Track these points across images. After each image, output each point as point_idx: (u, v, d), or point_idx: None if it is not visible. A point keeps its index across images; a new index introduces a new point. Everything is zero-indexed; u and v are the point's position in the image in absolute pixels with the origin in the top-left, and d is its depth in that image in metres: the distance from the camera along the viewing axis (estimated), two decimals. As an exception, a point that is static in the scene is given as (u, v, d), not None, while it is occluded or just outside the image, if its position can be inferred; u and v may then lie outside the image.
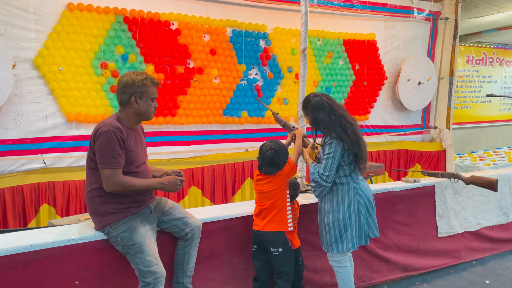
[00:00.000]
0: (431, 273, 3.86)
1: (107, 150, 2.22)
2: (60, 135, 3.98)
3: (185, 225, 2.53)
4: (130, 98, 2.33)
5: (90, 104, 4.05)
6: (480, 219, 4.18)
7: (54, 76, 3.84)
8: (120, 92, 2.35)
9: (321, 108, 2.68)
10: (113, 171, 2.24)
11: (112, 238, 2.33)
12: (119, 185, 2.26)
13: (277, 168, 2.66)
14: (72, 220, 3.14)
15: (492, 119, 9.29)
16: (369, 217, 2.73)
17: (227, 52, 4.69)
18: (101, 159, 2.24)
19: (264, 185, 2.70)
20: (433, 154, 6.23)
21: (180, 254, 2.58)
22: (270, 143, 2.68)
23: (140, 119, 2.42)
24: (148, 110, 2.38)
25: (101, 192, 2.30)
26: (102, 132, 2.23)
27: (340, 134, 2.60)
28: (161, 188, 2.42)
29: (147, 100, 2.36)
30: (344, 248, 2.67)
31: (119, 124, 2.30)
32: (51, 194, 3.93)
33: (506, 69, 9.37)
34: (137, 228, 2.32)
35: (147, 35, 4.26)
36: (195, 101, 4.56)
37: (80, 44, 3.96)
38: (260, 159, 2.69)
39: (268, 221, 2.67)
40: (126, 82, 2.32)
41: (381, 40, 5.72)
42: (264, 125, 5.03)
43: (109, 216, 2.31)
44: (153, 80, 2.38)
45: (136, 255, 2.29)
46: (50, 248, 2.28)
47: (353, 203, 2.67)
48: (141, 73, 2.36)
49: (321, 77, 5.30)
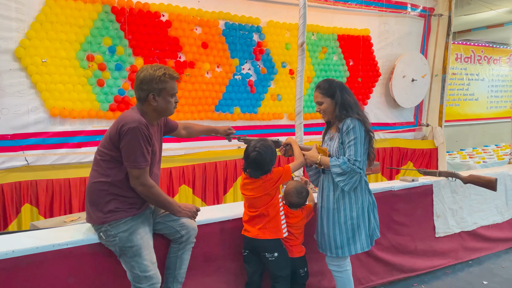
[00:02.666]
0: (428, 274, 3.81)
1: (137, 149, 2.12)
2: (43, 131, 3.77)
3: (181, 226, 2.39)
4: (148, 96, 2.21)
5: (75, 98, 3.84)
6: (477, 219, 4.15)
7: (37, 69, 3.63)
8: (138, 88, 2.23)
9: (346, 89, 2.58)
10: (142, 171, 2.15)
11: (109, 237, 2.18)
12: (145, 187, 2.18)
13: (261, 171, 2.44)
14: (57, 222, 2.97)
15: (479, 117, 9.37)
16: (376, 218, 2.65)
17: (219, 46, 4.52)
18: (130, 158, 2.12)
19: (251, 190, 2.49)
20: (425, 152, 6.19)
21: (172, 258, 2.44)
22: (256, 142, 2.47)
23: (160, 116, 2.32)
24: (167, 108, 2.27)
25: (110, 187, 2.18)
26: (130, 129, 2.10)
27: (363, 116, 2.50)
28: (177, 212, 2.37)
29: (166, 97, 2.24)
30: (358, 248, 2.54)
31: (144, 119, 2.17)
32: (34, 194, 3.72)
33: (494, 67, 9.45)
34: (138, 229, 2.19)
35: (136, 26, 4.06)
36: (186, 96, 4.39)
37: (65, 35, 3.74)
38: (244, 160, 2.49)
39: (260, 229, 2.50)
40: (144, 79, 2.20)
41: (375, 36, 5.62)
42: (257, 121, 4.89)
43: (111, 213, 2.17)
44: (172, 74, 2.24)
45: (133, 258, 2.16)
46: (34, 254, 2.12)
47: (366, 200, 2.57)
48: (159, 67, 2.22)
49: (315, 73, 5.17)
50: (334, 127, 2.61)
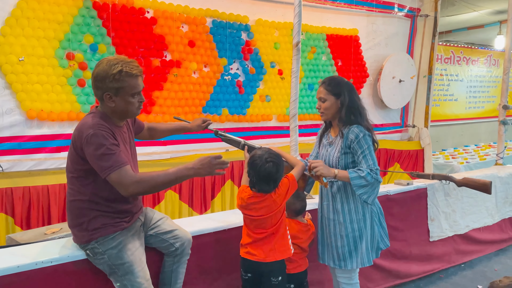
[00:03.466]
0: (423, 279, 3.76)
1: (103, 154, 1.83)
2: (19, 134, 3.51)
3: (175, 239, 2.22)
4: (103, 95, 1.92)
5: (54, 99, 3.60)
6: (469, 221, 4.12)
7: (12, 68, 3.37)
8: (93, 86, 1.94)
9: (354, 90, 2.37)
10: (119, 172, 1.83)
11: (97, 255, 1.98)
12: (136, 184, 1.85)
13: (274, 185, 2.19)
14: (37, 234, 2.74)
15: (458, 117, 9.48)
16: (381, 226, 2.50)
17: (207, 45, 4.34)
18: (102, 166, 1.84)
19: (260, 210, 2.19)
20: (411, 153, 6.18)
21: (167, 272, 2.27)
22: (264, 153, 2.18)
23: (122, 117, 2.02)
24: (128, 109, 1.96)
25: (90, 204, 1.95)
26: (89, 137, 1.84)
27: (370, 125, 2.35)
28: (194, 174, 1.94)
29: (125, 97, 1.92)
30: (359, 263, 2.40)
31: (102, 122, 1.91)
32: (9, 202, 3.46)
33: (472, 68, 9.58)
34: (127, 245, 1.98)
35: (119, 23, 3.83)
36: (172, 97, 4.19)
37: (43, 32, 3.49)
38: (253, 175, 2.17)
39: (270, 251, 2.24)
40: (97, 76, 1.90)
41: (363, 36, 5.56)
42: (245, 123, 4.74)
43: (97, 230, 1.96)
44: (130, 72, 1.89)
45: (125, 276, 1.96)
46: (15, 274, 1.92)
47: (368, 211, 2.40)
48: (116, 62, 1.89)
49: (304, 73, 5.06)
50: (334, 131, 2.45)
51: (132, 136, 2.19)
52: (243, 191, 2.24)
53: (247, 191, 2.22)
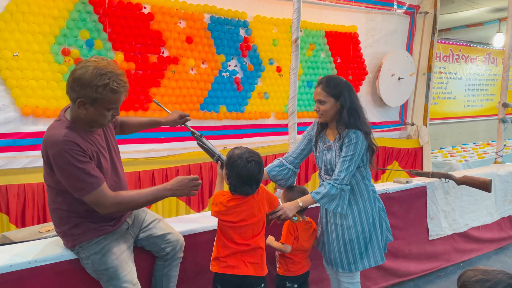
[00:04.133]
0: (421, 277, 3.74)
1: (74, 174, 1.72)
2: (13, 131, 3.45)
3: (166, 243, 2.16)
4: (76, 100, 1.73)
5: (50, 96, 3.54)
6: (468, 220, 4.10)
7: (7, 63, 3.31)
8: (68, 85, 1.75)
9: (353, 90, 2.29)
10: (96, 193, 1.77)
11: (82, 259, 1.94)
12: (115, 206, 1.82)
13: (256, 185, 2.06)
14: (32, 232, 2.70)
15: (457, 115, 9.47)
16: (386, 222, 2.51)
17: (204, 41, 4.28)
18: (74, 186, 1.75)
19: (242, 213, 2.03)
20: (410, 151, 6.15)
21: (158, 276, 2.22)
22: (244, 152, 2.03)
23: (89, 126, 1.84)
24: (98, 120, 1.80)
25: (70, 213, 1.90)
26: (56, 155, 1.70)
27: (368, 128, 2.28)
28: (171, 195, 1.95)
29: (100, 109, 1.75)
30: (372, 262, 2.37)
31: (69, 133, 1.74)
32: (4, 200, 3.40)
33: (471, 66, 9.56)
34: (111, 249, 1.92)
35: (115, 18, 3.77)
36: (170, 94, 4.14)
37: (38, 27, 3.43)
38: (233, 177, 2.00)
39: (254, 264, 2.07)
40: (78, 79, 1.70)
41: (362, 33, 5.51)
42: (243, 121, 4.69)
43: (79, 234, 1.91)
44: (116, 89, 1.72)
45: (110, 282, 1.91)
46: (8, 273, 1.88)
47: (376, 210, 2.39)
48: (104, 73, 1.70)
49: (303, 70, 5.01)
50: (331, 133, 2.35)
51: (111, 134, 2.04)
52: (221, 195, 2.09)
53: (226, 194, 2.08)
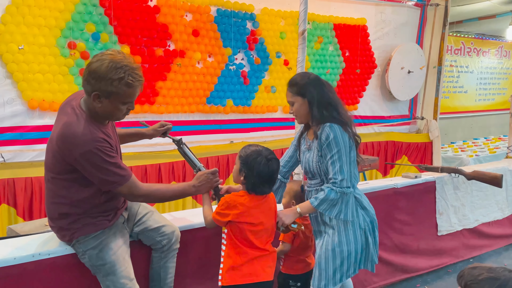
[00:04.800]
0: (430, 273, 3.68)
1: (107, 170, 1.76)
2: (20, 125, 3.46)
3: (162, 236, 2.14)
4: (92, 93, 1.74)
5: (56, 89, 3.54)
6: (478, 216, 4.04)
7: (13, 56, 3.31)
8: (84, 78, 1.76)
9: (323, 84, 2.11)
10: (129, 185, 1.83)
11: (79, 254, 1.93)
12: (145, 197, 1.92)
13: (274, 184, 2.01)
14: (37, 225, 2.70)
15: (468, 109, 9.32)
16: (375, 239, 2.22)
17: (211, 34, 4.25)
18: (107, 182, 1.79)
19: (261, 215, 1.94)
20: (419, 146, 6.06)
21: (155, 268, 2.19)
22: (262, 149, 1.95)
23: (105, 119, 1.86)
24: (114, 113, 1.82)
25: (71, 208, 1.88)
26: (87, 154, 1.71)
27: (345, 117, 2.07)
28: (195, 191, 2.02)
29: (115, 103, 1.77)
30: (344, 277, 2.13)
31: (93, 128, 1.77)
32: (11, 193, 3.43)
33: (483, 60, 9.39)
34: (109, 244, 1.90)
35: (121, 11, 3.76)
36: (176, 87, 4.12)
37: (44, 20, 3.42)
38: (253, 175, 1.90)
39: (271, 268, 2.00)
40: (94, 72, 1.71)
41: (372, 26, 5.43)
42: (250, 115, 4.66)
43: (76, 229, 1.89)
44: (131, 83, 1.73)
45: (107, 277, 1.90)
46: (11, 266, 1.87)
47: (359, 220, 2.13)
48: (120, 66, 1.71)
49: (311, 63, 4.96)
50: (310, 133, 2.21)
51: (115, 130, 2.05)
52: (237, 197, 1.93)
53: (243, 195, 1.94)
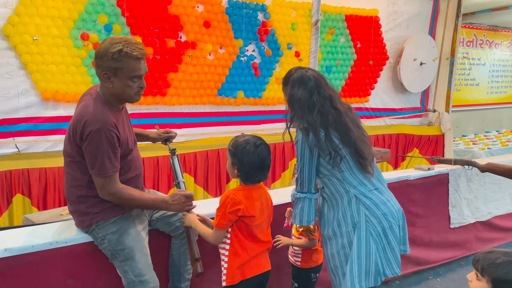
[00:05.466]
0: (442, 266, 3.67)
1: (102, 154, 1.80)
2: (34, 116, 3.49)
3: (181, 221, 2.17)
4: (101, 74, 1.84)
5: (69, 80, 3.56)
6: (491, 208, 4.00)
7: (27, 48, 3.33)
8: (95, 64, 1.89)
9: (303, 83, 1.98)
10: (108, 180, 1.84)
11: (97, 239, 1.95)
12: (113, 196, 1.87)
13: (267, 170, 1.98)
14: (53, 215, 2.74)
15: (480, 102, 9.21)
16: (385, 246, 1.93)
17: (222, 25, 4.24)
18: (93, 165, 1.82)
19: (262, 205, 1.97)
20: (431, 139, 6.02)
21: (175, 255, 2.23)
22: (249, 137, 1.94)
23: (120, 101, 1.93)
24: (125, 92, 1.87)
25: (89, 191, 1.91)
26: (94, 132, 1.78)
27: (313, 122, 1.91)
28: (166, 208, 1.98)
29: (124, 79, 1.83)
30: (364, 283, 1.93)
31: (109, 114, 1.83)
32: (26, 183, 3.47)
33: (495, 52, 9.25)
34: (128, 229, 1.94)
35: (134, 3, 3.76)
36: (188, 79, 4.12)
37: (57, 11, 3.44)
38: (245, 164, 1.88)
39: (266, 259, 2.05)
40: (98, 53, 1.83)
41: (384, 17, 5.38)
42: (261, 106, 4.65)
43: (97, 214, 1.92)
44: (130, 53, 1.79)
45: (126, 262, 1.92)
46: (29, 253, 1.90)
47: (361, 221, 1.91)
48: (118, 41, 1.80)
49: (322, 55, 4.93)
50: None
51: (129, 118, 2.11)
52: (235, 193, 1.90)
53: (240, 189, 1.92)
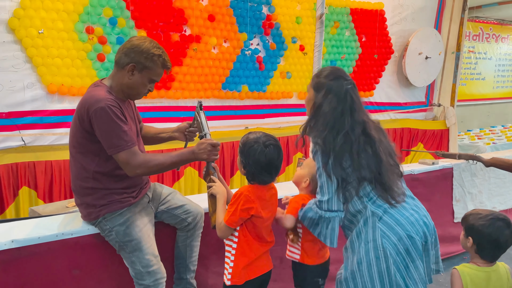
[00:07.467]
0: (445, 260, 3.67)
1: (113, 130, 1.84)
2: (40, 109, 3.50)
3: (187, 214, 2.20)
4: (128, 64, 1.92)
5: (75, 74, 3.58)
6: (495, 203, 4.00)
7: (32, 41, 3.34)
8: (123, 52, 1.94)
9: (339, 97, 1.79)
10: (128, 152, 1.87)
11: (105, 231, 1.98)
12: (141, 167, 1.89)
13: (276, 172, 1.88)
14: (59, 207, 2.77)
15: (485, 97, 9.15)
16: (407, 269, 1.70)
17: (227, 19, 4.23)
18: (111, 143, 1.85)
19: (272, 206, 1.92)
20: (436, 133, 6.00)
21: (181, 247, 2.26)
22: (260, 136, 1.84)
23: (127, 95, 2.02)
24: (138, 88, 1.98)
25: (95, 183, 1.94)
26: (99, 110, 1.82)
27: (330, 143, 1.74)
28: (193, 158, 1.99)
29: (144, 78, 1.95)
30: None
31: (111, 96, 1.90)
32: (32, 176, 3.49)
33: (501, 46, 9.18)
34: (135, 221, 1.98)
35: (138, -4, 3.77)
36: (192, 73, 4.13)
37: (62, 5, 3.44)
38: (251, 164, 1.81)
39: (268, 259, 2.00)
40: (136, 46, 1.92)
41: (389, 11, 5.34)
42: (265, 100, 4.65)
43: (104, 206, 1.95)
44: (165, 63, 1.96)
45: (133, 253, 1.96)
46: (36, 245, 1.93)
47: (378, 243, 1.68)
48: (159, 47, 1.96)
49: (327, 49, 4.91)
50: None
51: (137, 115, 2.17)
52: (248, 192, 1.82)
53: (252, 188, 1.85)
